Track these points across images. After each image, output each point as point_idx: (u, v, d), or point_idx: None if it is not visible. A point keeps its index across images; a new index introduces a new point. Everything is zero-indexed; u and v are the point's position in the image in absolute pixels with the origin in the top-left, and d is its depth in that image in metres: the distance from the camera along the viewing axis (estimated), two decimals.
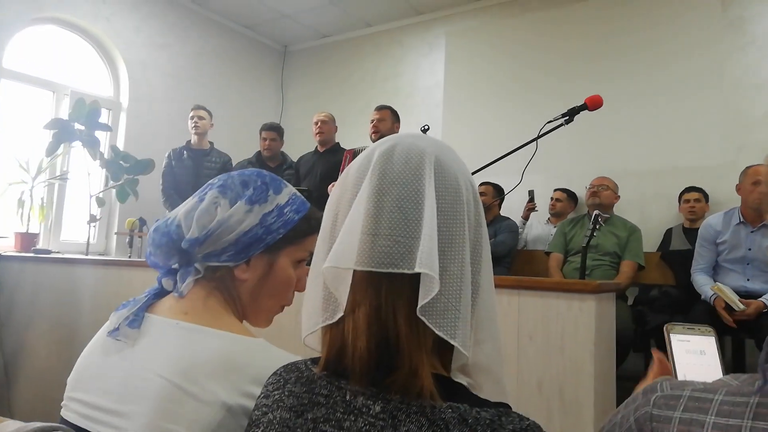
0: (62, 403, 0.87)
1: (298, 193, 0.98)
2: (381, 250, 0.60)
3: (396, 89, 5.73)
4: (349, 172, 0.69)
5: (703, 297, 3.14)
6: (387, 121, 3.89)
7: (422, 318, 0.58)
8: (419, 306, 0.58)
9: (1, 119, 4.21)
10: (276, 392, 0.68)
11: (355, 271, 0.62)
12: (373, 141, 3.77)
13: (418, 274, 0.58)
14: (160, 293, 0.92)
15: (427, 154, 0.65)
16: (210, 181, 0.94)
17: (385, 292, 0.61)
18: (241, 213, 0.88)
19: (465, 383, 0.63)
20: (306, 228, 0.94)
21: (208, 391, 0.77)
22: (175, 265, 0.91)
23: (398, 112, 4.07)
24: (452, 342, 0.59)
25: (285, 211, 0.93)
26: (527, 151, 2.16)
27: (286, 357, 0.82)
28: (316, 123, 4.21)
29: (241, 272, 0.91)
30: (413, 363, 0.59)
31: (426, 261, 0.57)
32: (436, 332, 0.58)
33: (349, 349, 0.61)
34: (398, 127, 3.97)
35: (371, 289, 0.62)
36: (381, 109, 3.94)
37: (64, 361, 2.97)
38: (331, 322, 0.63)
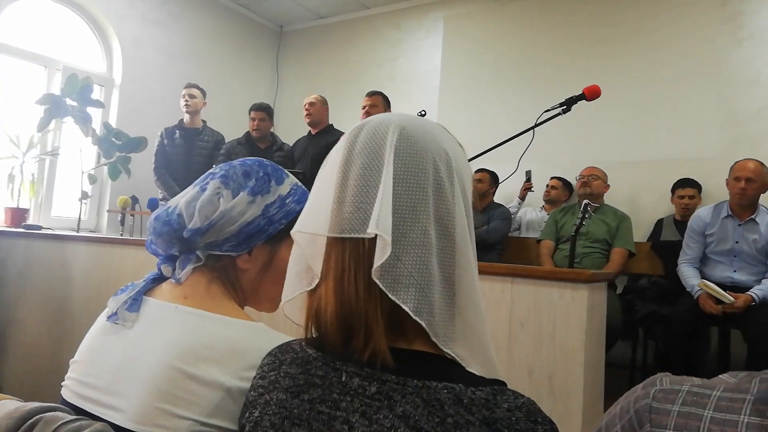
0: (62, 383, 0.88)
1: (300, 183, 0.98)
2: (345, 217, 0.63)
3: (392, 73, 5.69)
4: (331, 153, 0.71)
5: (688, 289, 3.19)
6: (379, 106, 3.87)
7: (377, 281, 0.59)
8: (373, 268, 0.59)
9: None
10: (272, 373, 0.68)
11: (327, 239, 0.65)
12: None
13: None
14: (159, 279, 0.92)
15: (392, 125, 0.66)
16: (211, 171, 0.94)
17: (348, 258, 0.63)
18: (243, 204, 0.89)
19: (453, 354, 0.63)
20: None
21: (207, 373, 0.77)
22: (176, 252, 0.91)
23: (394, 97, 4.06)
24: (404, 307, 0.59)
25: (287, 201, 0.93)
26: (523, 139, 2.16)
27: (285, 340, 0.83)
28: (305, 105, 4.21)
29: (243, 262, 0.91)
30: (368, 326, 0.60)
31: (378, 223, 0.59)
32: (390, 296, 0.59)
33: (322, 316, 0.64)
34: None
35: (338, 254, 0.64)
36: (372, 94, 3.92)
37: (54, 337, 2.98)
38: (309, 288, 0.66)
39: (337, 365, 0.63)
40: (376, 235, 0.59)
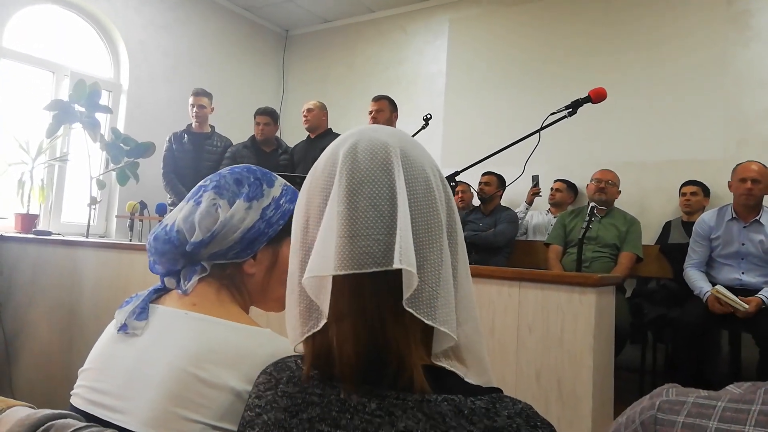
0: (71, 392, 0.88)
1: (289, 184, 1.00)
2: (360, 251, 0.59)
3: (398, 76, 5.70)
4: (315, 174, 0.68)
5: (696, 292, 3.17)
6: (385, 111, 3.88)
7: (409, 309, 0.58)
8: (405, 299, 0.58)
9: (1, 99, 4.18)
10: (268, 392, 0.68)
11: (334, 276, 0.60)
12: None
13: (399, 268, 0.58)
14: (162, 290, 0.93)
15: (391, 147, 0.64)
16: (201, 184, 0.95)
17: (369, 292, 0.61)
18: (241, 211, 0.90)
19: (447, 366, 0.63)
20: None
21: (217, 377, 0.78)
22: (179, 267, 0.92)
23: (400, 100, 4.06)
24: (442, 328, 0.59)
25: (281, 202, 0.95)
26: (529, 141, 2.16)
27: (292, 346, 0.83)
28: (303, 111, 4.28)
29: (249, 266, 0.93)
30: (401, 355, 0.59)
31: (403, 256, 0.57)
32: (425, 322, 0.58)
33: (336, 354, 0.61)
34: (396, 117, 3.98)
35: (354, 291, 0.61)
36: (378, 99, 3.93)
37: (64, 342, 3.00)
38: (316, 330, 0.63)
39: (335, 383, 0.63)
40: None
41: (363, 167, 0.62)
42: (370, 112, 3.89)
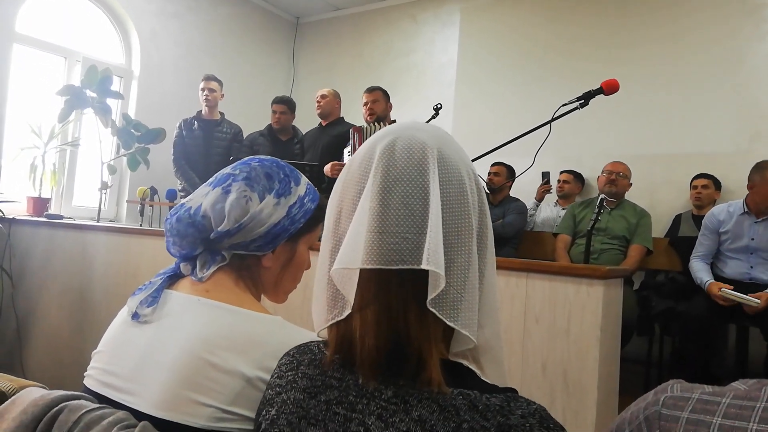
0: (85, 373, 0.90)
1: (310, 183, 1.02)
2: (389, 248, 0.61)
3: (408, 66, 5.67)
4: (351, 168, 0.69)
5: (697, 282, 3.17)
6: (380, 102, 3.86)
7: (433, 310, 0.60)
8: (429, 299, 0.59)
9: (14, 84, 4.21)
10: (289, 373, 0.69)
11: (361, 269, 0.62)
12: (368, 123, 3.76)
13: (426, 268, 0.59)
14: (175, 276, 0.94)
15: (428, 147, 0.65)
16: (230, 172, 0.95)
17: (395, 288, 0.62)
18: (270, 206, 0.92)
19: (472, 366, 0.65)
20: (320, 216, 0.98)
21: (228, 362, 0.80)
22: (197, 252, 0.93)
23: (409, 90, 4.03)
24: (463, 332, 0.61)
25: (305, 201, 0.97)
26: (539, 133, 2.15)
27: (301, 334, 0.85)
28: (317, 97, 4.27)
29: (268, 260, 0.95)
30: (422, 354, 0.60)
31: (432, 258, 0.58)
32: (448, 323, 0.60)
33: (357, 345, 0.63)
34: (391, 107, 3.95)
35: (380, 286, 0.63)
36: (373, 90, 3.90)
37: (75, 324, 3.03)
38: (340, 318, 0.65)
39: (354, 368, 0.64)
40: None
41: (399, 165, 0.64)
42: (366, 104, 3.85)
